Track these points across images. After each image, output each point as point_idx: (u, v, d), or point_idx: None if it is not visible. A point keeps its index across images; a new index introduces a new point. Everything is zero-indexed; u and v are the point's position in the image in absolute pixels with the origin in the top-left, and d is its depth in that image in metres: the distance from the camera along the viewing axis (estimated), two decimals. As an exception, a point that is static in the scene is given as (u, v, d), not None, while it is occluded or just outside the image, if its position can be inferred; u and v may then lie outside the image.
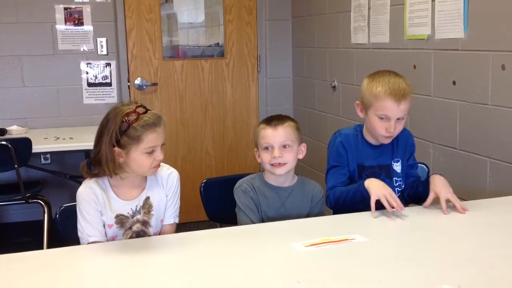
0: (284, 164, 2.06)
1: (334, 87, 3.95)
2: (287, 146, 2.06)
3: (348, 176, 2.16)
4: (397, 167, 2.21)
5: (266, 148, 2.07)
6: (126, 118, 1.81)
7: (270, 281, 1.45)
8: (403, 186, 2.21)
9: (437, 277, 1.43)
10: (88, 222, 1.88)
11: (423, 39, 2.92)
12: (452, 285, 1.36)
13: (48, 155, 4.25)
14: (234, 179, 2.21)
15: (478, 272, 1.47)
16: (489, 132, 2.54)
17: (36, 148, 3.47)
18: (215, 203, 2.35)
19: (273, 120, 2.09)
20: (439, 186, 2.01)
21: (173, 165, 2.08)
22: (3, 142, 3.37)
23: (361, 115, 2.20)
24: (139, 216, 1.94)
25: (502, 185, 2.48)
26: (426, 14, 2.87)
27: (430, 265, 1.52)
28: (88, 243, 1.87)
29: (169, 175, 2.00)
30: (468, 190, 2.55)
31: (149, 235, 1.96)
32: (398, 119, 2.10)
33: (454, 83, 2.73)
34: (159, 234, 2.01)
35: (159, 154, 1.87)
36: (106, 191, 1.90)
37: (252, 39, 4.64)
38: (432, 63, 2.88)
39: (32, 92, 4.25)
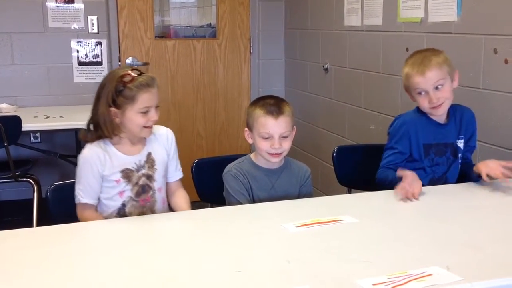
0: (281, 153, 2.06)
1: (326, 69, 3.94)
2: (286, 136, 2.06)
3: (403, 159, 2.19)
4: (461, 144, 2.24)
5: (265, 137, 2.04)
6: (121, 80, 1.92)
7: (261, 260, 1.46)
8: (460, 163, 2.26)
9: (426, 258, 1.44)
10: (82, 184, 1.98)
11: (416, 22, 2.92)
12: (441, 266, 1.37)
13: (38, 134, 4.23)
14: (225, 159, 2.22)
15: (466, 254, 1.48)
16: (479, 116, 2.54)
17: (26, 126, 3.45)
18: (206, 184, 2.35)
19: (271, 106, 2.04)
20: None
21: (165, 145, 2.10)
22: (-7, 120, 3.35)
23: (412, 99, 2.22)
24: (144, 171, 2.03)
25: (491, 169, 2.49)
26: (420, -3, 2.86)
27: (419, 246, 1.53)
28: (80, 203, 1.98)
29: (167, 134, 2.13)
30: (458, 174, 2.57)
31: (154, 190, 2.06)
32: (436, 88, 2.11)
33: (446, 66, 2.73)
34: (169, 193, 2.14)
35: (153, 115, 1.97)
36: (108, 150, 2.00)
37: (244, 20, 4.61)
38: (424, 46, 2.87)
39: (22, 70, 4.21)
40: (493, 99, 2.47)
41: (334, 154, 2.57)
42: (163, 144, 2.10)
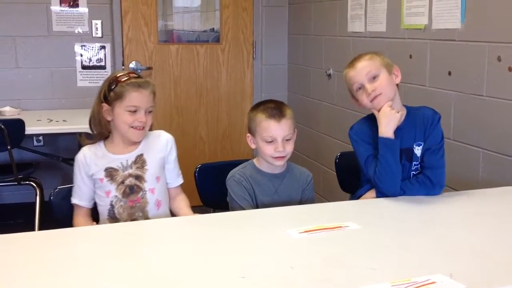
0: (285, 156, 2.07)
1: (329, 75, 3.94)
2: (289, 138, 2.07)
3: None
4: (418, 150, 2.10)
5: (269, 140, 2.05)
6: (116, 78, 2.02)
7: (264, 267, 1.45)
8: (418, 170, 2.10)
9: (430, 265, 1.44)
10: (75, 185, 2.08)
11: (420, 29, 2.92)
12: (445, 273, 1.37)
13: (40, 137, 4.24)
14: (228, 165, 2.22)
15: (470, 261, 1.48)
16: (483, 123, 2.55)
17: (29, 129, 3.47)
18: (209, 189, 2.35)
19: (273, 109, 2.05)
20: None
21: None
22: (-4, 123, 3.36)
23: (357, 104, 2.15)
24: (130, 170, 2.05)
25: (494, 176, 2.50)
26: (424, 4, 2.86)
27: (423, 253, 1.53)
28: (72, 203, 2.08)
29: (167, 139, 2.16)
30: (461, 181, 2.57)
31: (145, 191, 2.07)
32: (374, 77, 2.04)
33: (449, 73, 2.74)
34: (170, 198, 2.18)
35: (141, 116, 2.02)
36: (98, 150, 2.06)
37: (248, 25, 4.62)
38: (428, 53, 2.88)
39: (26, 74, 4.22)
40: (496, 107, 2.47)
41: (337, 160, 2.57)
42: (160, 147, 2.13)
